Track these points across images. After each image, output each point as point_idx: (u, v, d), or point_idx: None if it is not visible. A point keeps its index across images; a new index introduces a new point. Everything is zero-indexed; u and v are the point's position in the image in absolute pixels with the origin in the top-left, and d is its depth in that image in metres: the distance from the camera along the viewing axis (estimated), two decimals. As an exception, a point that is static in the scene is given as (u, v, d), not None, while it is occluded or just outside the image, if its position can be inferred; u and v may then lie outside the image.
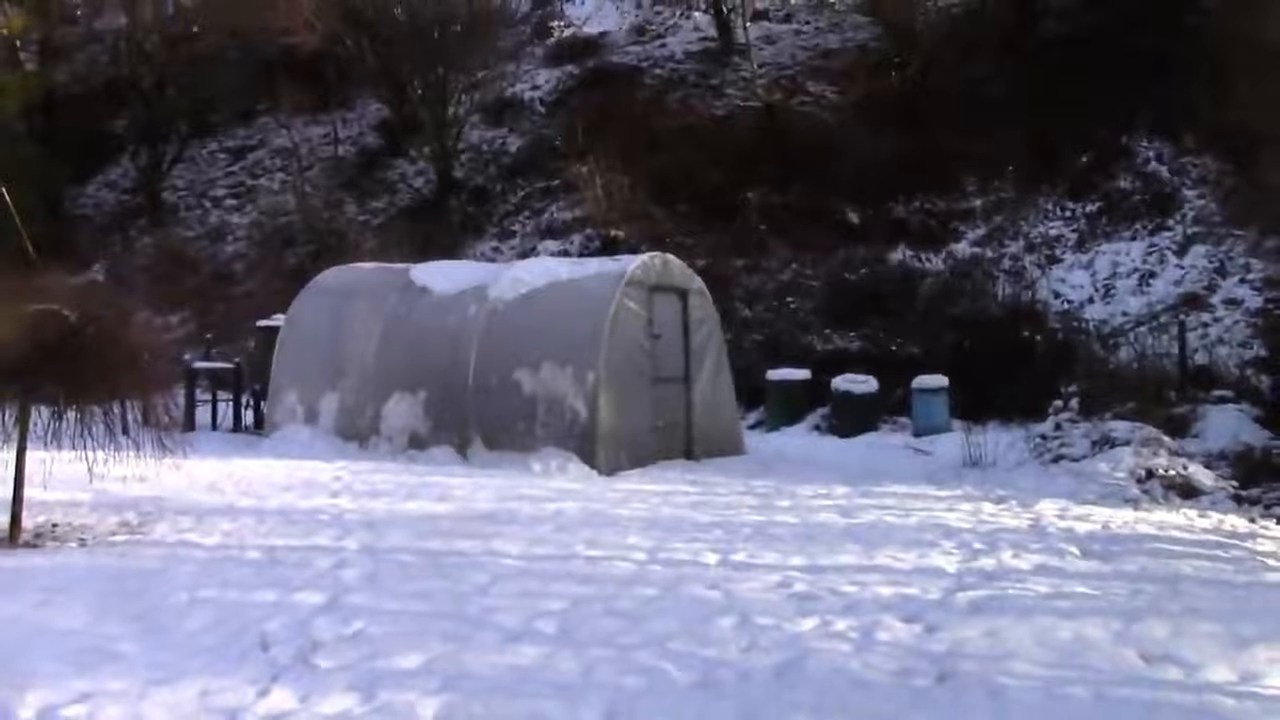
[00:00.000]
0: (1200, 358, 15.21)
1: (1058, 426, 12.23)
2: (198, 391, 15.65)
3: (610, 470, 11.31)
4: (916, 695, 4.63)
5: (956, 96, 20.65)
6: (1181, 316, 15.90)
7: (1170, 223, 18.52)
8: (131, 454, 7.47)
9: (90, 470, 7.39)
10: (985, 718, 4.34)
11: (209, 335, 19.04)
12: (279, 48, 25.55)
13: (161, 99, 27.27)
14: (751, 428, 15.46)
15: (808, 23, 27.34)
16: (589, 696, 4.50)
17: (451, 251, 20.33)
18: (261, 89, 27.34)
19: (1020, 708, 4.44)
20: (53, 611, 5.63)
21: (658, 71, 26.50)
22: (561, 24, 29.39)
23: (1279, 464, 11.23)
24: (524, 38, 28.18)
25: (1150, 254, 18.08)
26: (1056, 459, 11.53)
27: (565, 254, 20.10)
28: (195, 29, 26.89)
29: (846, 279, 18.73)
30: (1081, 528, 8.40)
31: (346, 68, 26.66)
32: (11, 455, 7.39)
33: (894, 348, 16.78)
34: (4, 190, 18.03)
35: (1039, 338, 15.95)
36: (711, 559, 7.07)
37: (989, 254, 18.97)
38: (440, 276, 13.31)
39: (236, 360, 16.30)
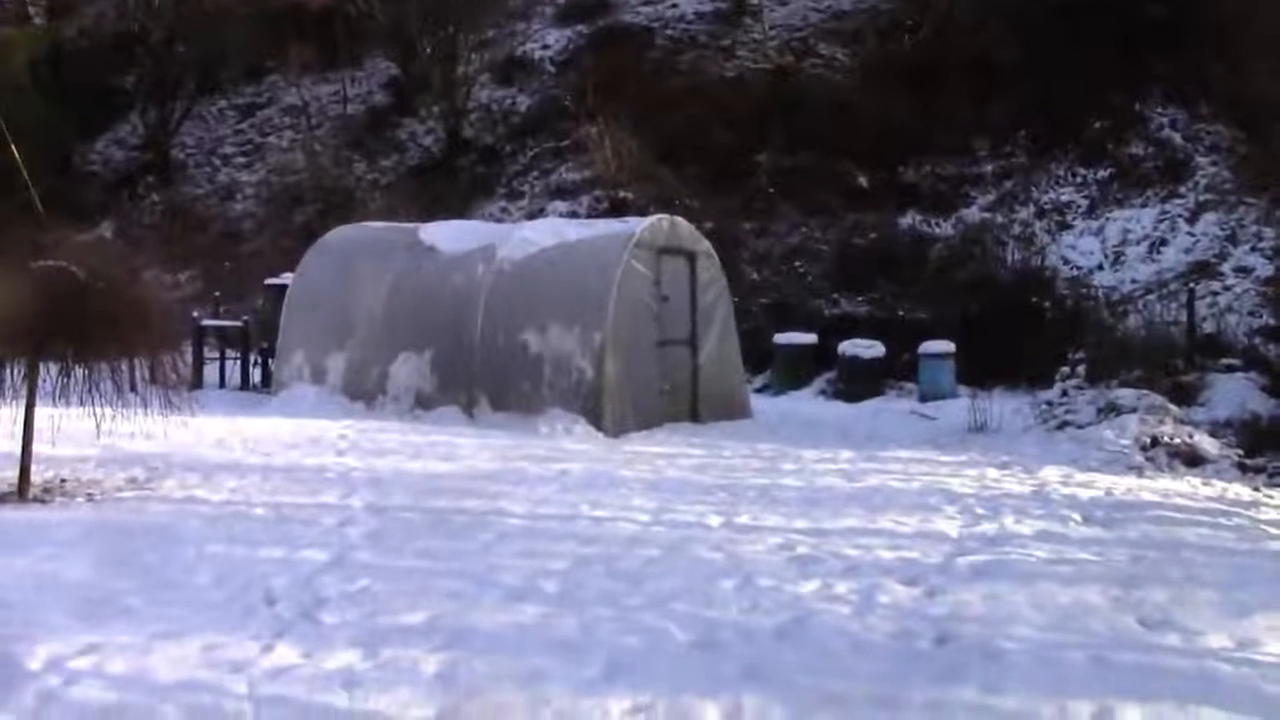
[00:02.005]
0: (1209, 326, 15.16)
1: (1064, 393, 12.21)
2: (205, 349, 15.71)
3: (616, 432, 11.33)
4: (916, 657, 4.66)
5: (969, 60, 20.47)
6: (1191, 284, 15.84)
7: (1182, 190, 18.39)
8: (139, 411, 7.52)
9: (98, 426, 7.44)
10: (983, 680, 4.37)
11: (217, 293, 19.08)
12: (289, 4, 25.45)
13: (170, 55, 27.12)
14: (758, 391, 15.47)
15: (820, -16, 27.08)
16: (591, 655, 4.54)
17: (460, 211, 20.31)
18: (271, 46, 27.18)
19: (1018, 671, 4.47)
20: (61, 565, 5.69)
21: (668, 32, 26.28)
22: (572, -18, 29.10)
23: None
24: (534, -4, 27.96)
25: (1161, 221, 17.98)
26: (1062, 425, 11.52)
27: (574, 215, 20.07)
28: (205, -17, 26.69)
29: (855, 243, 18.68)
30: (1084, 494, 8.42)
31: (356, 25, 26.50)
32: (20, 411, 7.44)
33: (902, 313, 16.76)
34: (13, 146, 18.03)
35: (1047, 304, 15.93)
36: (715, 521, 7.10)
37: (999, 219, 18.87)
38: (448, 236, 13.30)
39: (244, 318, 16.34)
